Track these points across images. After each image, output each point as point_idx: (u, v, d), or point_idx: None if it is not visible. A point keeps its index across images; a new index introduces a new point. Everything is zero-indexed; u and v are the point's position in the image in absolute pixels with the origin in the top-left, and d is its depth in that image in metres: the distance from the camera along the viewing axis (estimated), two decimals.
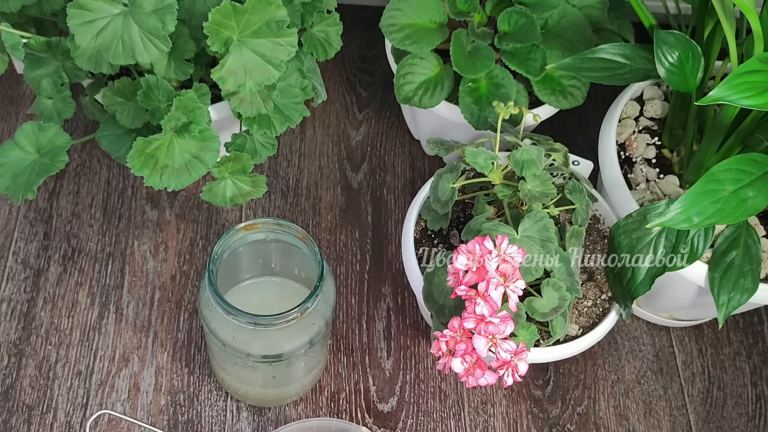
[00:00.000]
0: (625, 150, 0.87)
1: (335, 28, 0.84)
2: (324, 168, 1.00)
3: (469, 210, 0.84)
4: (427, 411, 0.86)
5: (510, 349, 0.64)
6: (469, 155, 0.72)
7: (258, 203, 0.97)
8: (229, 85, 0.72)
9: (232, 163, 0.77)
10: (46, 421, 0.82)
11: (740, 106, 0.65)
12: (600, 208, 0.85)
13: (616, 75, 0.80)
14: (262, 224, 0.73)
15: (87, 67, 0.72)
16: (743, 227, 0.77)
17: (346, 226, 0.96)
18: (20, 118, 1.01)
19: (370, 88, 1.07)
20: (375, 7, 1.01)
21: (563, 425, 0.86)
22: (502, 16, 0.85)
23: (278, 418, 0.84)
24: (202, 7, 0.74)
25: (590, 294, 0.81)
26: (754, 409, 0.89)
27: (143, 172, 0.73)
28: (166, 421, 0.83)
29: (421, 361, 0.88)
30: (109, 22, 0.69)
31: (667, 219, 0.67)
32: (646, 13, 0.82)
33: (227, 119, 0.84)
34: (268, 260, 0.81)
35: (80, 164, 0.98)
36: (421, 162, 1.02)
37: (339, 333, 0.89)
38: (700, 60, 0.77)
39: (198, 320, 0.89)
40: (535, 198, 0.72)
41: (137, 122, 0.78)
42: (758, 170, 0.69)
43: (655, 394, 0.89)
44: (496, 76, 0.86)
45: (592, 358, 0.90)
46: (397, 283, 0.93)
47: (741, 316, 0.95)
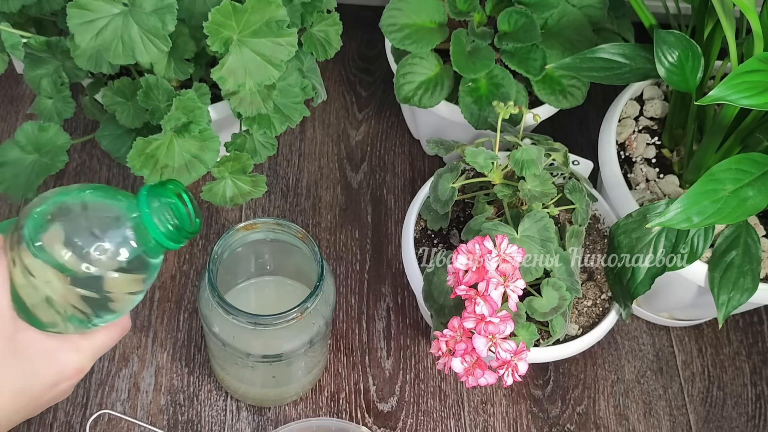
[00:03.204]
0: (625, 150, 0.87)
1: (335, 27, 0.84)
2: (324, 168, 1.00)
3: (469, 210, 0.84)
4: (427, 411, 0.86)
5: (510, 348, 0.64)
6: (469, 155, 0.72)
7: (258, 203, 0.97)
8: (229, 85, 0.72)
9: (232, 162, 0.77)
10: (46, 421, 0.82)
11: (740, 105, 0.65)
12: (600, 208, 0.85)
13: (616, 75, 0.80)
14: (262, 224, 0.73)
15: (87, 67, 0.72)
16: (743, 227, 0.77)
17: (346, 225, 0.96)
18: (20, 117, 1.01)
19: (370, 87, 1.07)
20: (375, 7, 1.01)
21: (563, 425, 0.86)
22: (502, 15, 0.85)
23: (278, 418, 0.84)
24: (202, 6, 0.74)
25: (590, 294, 0.81)
26: (754, 408, 0.89)
27: (143, 172, 0.73)
28: (165, 420, 0.83)
29: (421, 360, 0.88)
30: (109, 21, 0.69)
31: (667, 219, 0.67)
32: (646, 12, 0.82)
33: (227, 119, 0.84)
34: (268, 260, 0.81)
35: (80, 164, 0.98)
36: (421, 162, 1.02)
37: (339, 333, 0.89)
38: (700, 60, 0.77)
39: (198, 320, 0.89)
40: (535, 198, 0.72)
41: (137, 122, 0.78)
42: (758, 170, 0.69)
43: (654, 394, 0.89)
44: (496, 76, 0.86)
45: (591, 358, 0.90)
46: (397, 283, 0.93)
47: (741, 316, 0.95)
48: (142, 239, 0.59)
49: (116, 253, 0.58)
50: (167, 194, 0.60)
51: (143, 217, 0.58)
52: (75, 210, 0.58)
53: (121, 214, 0.58)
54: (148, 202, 0.58)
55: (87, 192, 0.59)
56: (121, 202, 0.59)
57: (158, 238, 0.59)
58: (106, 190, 0.60)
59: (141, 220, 0.58)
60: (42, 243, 0.57)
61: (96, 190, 0.60)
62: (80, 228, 0.57)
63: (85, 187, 0.60)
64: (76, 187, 0.60)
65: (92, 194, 0.59)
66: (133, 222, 0.58)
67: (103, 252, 0.57)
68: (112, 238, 0.58)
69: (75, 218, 0.58)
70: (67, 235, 0.57)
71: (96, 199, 0.59)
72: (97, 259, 0.57)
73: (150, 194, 0.59)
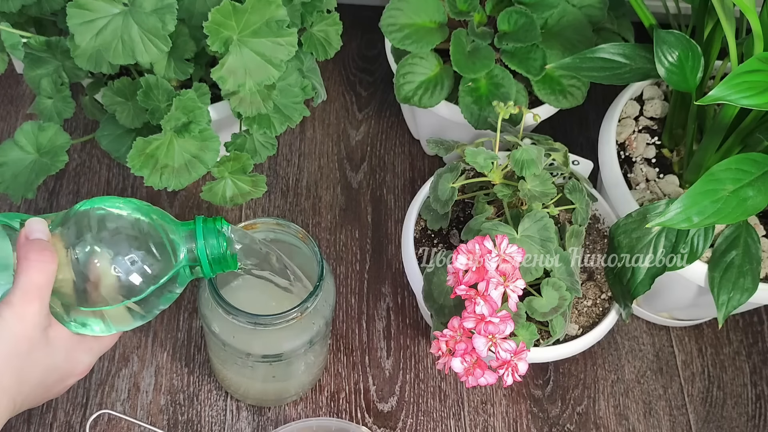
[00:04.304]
0: (624, 150, 0.87)
1: (335, 27, 0.84)
2: (324, 168, 1.00)
3: (469, 210, 0.84)
4: (427, 411, 0.86)
5: (510, 348, 0.64)
6: (469, 155, 0.72)
7: (258, 203, 0.97)
8: (229, 85, 0.72)
9: (232, 162, 0.77)
10: (45, 421, 0.82)
11: (740, 105, 0.65)
12: (600, 208, 0.85)
13: (616, 75, 0.80)
14: (262, 224, 0.73)
15: (87, 67, 0.72)
16: (743, 227, 0.77)
17: (346, 225, 0.96)
18: (20, 117, 1.01)
19: (370, 87, 1.07)
20: (375, 7, 1.01)
21: (563, 425, 0.86)
22: (502, 15, 0.85)
23: (278, 418, 0.84)
24: (202, 6, 0.74)
25: (590, 294, 0.81)
26: (754, 408, 0.89)
27: (143, 172, 0.73)
28: (165, 420, 0.83)
29: (421, 360, 0.88)
30: (109, 21, 0.69)
31: (667, 219, 0.67)
32: (646, 12, 0.82)
33: (227, 119, 0.84)
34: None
35: (80, 164, 0.98)
36: (421, 162, 1.02)
37: (339, 333, 0.89)
38: (699, 59, 0.77)
39: (198, 320, 0.89)
40: (535, 198, 0.72)
41: (137, 122, 0.78)
42: (758, 170, 0.69)
43: (654, 394, 0.89)
44: (496, 76, 0.86)
45: (591, 358, 0.90)
46: (397, 283, 0.93)
47: (741, 316, 0.95)
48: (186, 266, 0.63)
49: (161, 272, 0.61)
50: (215, 234, 0.63)
51: (199, 249, 0.62)
52: (138, 224, 0.61)
53: (178, 241, 0.62)
54: (205, 236, 0.62)
55: (150, 215, 0.62)
56: (178, 228, 0.63)
57: (206, 270, 0.63)
58: (164, 214, 0.63)
59: (197, 253, 0.62)
60: (102, 249, 0.59)
61: (158, 213, 0.63)
62: (141, 243, 0.60)
63: (150, 209, 0.63)
64: (144, 204, 0.63)
65: (153, 215, 0.62)
66: (187, 253, 0.62)
67: (151, 267, 0.60)
68: (163, 257, 0.61)
69: (139, 232, 0.61)
70: (122, 247, 0.60)
71: (157, 220, 0.62)
72: (145, 273, 0.60)
73: (206, 229, 0.63)
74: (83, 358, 0.63)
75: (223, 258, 0.63)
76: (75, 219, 0.60)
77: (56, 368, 0.61)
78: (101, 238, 0.59)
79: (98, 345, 0.64)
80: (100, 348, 0.64)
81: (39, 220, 0.60)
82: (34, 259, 0.57)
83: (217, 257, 0.63)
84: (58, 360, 0.61)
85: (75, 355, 0.62)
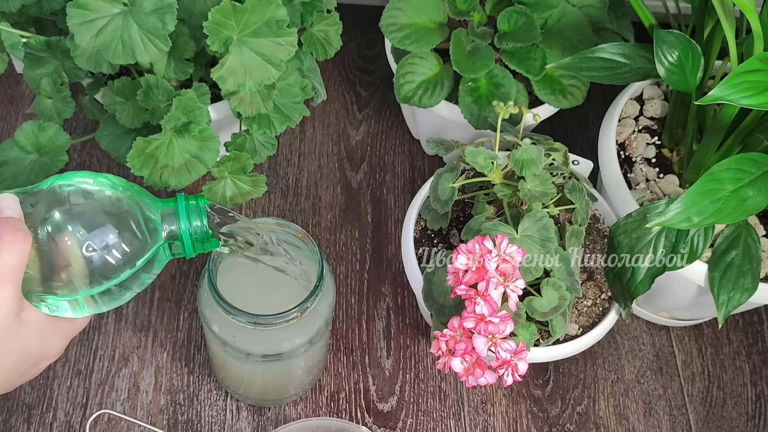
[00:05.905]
0: (624, 149, 0.87)
1: (335, 27, 0.84)
2: (324, 167, 1.00)
3: (469, 210, 0.84)
4: (427, 410, 0.86)
5: (510, 348, 0.64)
6: (469, 155, 0.72)
7: (258, 203, 0.97)
8: (228, 85, 0.72)
9: (232, 162, 0.77)
10: (45, 421, 0.82)
11: (740, 105, 0.65)
12: (600, 208, 0.85)
13: (616, 74, 0.80)
14: (262, 224, 0.73)
15: (87, 67, 0.72)
16: (743, 227, 0.77)
17: (345, 225, 0.96)
18: (20, 117, 1.01)
19: (370, 87, 1.07)
20: (375, 7, 1.01)
21: (563, 425, 0.86)
22: (502, 15, 0.85)
23: (278, 418, 0.84)
24: (202, 6, 0.74)
25: (590, 293, 0.81)
26: (754, 408, 0.89)
27: (143, 171, 0.73)
28: (165, 420, 0.83)
29: (421, 360, 0.88)
30: (109, 21, 0.69)
31: (667, 218, 0.67)
32: (646, 12, 0.82)
33: (227, 119, 0.84)
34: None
35: (80, 164, 0.98)
36: (421, 162, 1.02)
37: (339, 333, 0.89)
38: (699, 59, 0.77)
39: (198, 320, 0.89)
40: (535, 197, 0.72)
41: (137, 122, 0.78)
42: (758, 170, 0.69)
43: (654, 394, 0.89)
44: (495, 76, 0.86)
45: (591, 358, 0.90)
46: (397, 283, 0.93)
47: (741, 316, 0.95)
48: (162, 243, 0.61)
49: (139, 252, 0.59)
50: (198, 212, 0.62)
51: (183, 233, 0.61)
52: (114, 199, 0.59)
53: (156, 219, 0.60)
54: (188, 214, 0.61)
55: (126, 191, 0.60)
56: (157, 206, 0.61)
57: (188, 250, 0.62)
58: (142, 191, 0.61)
59: (179, 232, 0.60)
60: (73, 226, 0.57)
61: (135, 191, 0.61)
62: (121, 221, 0.58)
63: (126, 185, 0.61)
64: (118, 181, 0.61)
65: (131, 191, 0.60)
66: (167, 232, 0.60)
67: (128, 245, 0.58)
68: (141, 235, 0.59)
69: (114, 208, 0.59)
70: (97, 223, 0.57)
71: (135, 197, 0.60)
72: (121, 253, 0.58)
73: (188, 207, 0.61)
74: (57, 340, 0.60)
75: (205, 237, 0.61)
76: (46, 194, 0.57)
77: (30, 353, 0.59)
78: (73, 216, 0.56)
79: (71, 327, 0.61)
80: (73, 329, 0.62)
81: (10, 196, 0.56)
82: (8, 240, 0.54)
83: (200, 236, 0.61)
84: (32, 344, 0.58)
85: (49, 338, 0.60)
